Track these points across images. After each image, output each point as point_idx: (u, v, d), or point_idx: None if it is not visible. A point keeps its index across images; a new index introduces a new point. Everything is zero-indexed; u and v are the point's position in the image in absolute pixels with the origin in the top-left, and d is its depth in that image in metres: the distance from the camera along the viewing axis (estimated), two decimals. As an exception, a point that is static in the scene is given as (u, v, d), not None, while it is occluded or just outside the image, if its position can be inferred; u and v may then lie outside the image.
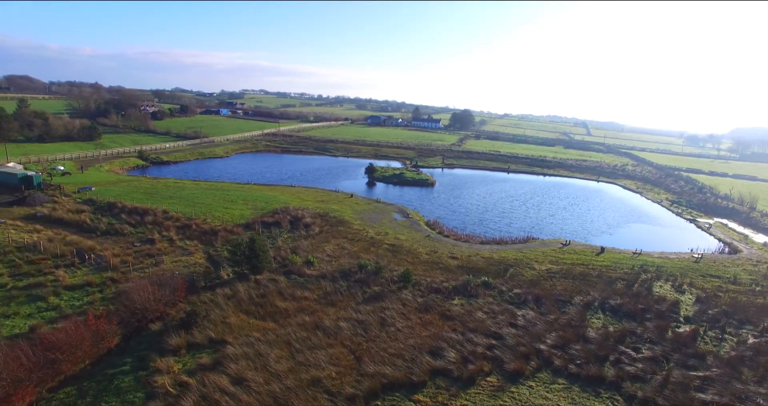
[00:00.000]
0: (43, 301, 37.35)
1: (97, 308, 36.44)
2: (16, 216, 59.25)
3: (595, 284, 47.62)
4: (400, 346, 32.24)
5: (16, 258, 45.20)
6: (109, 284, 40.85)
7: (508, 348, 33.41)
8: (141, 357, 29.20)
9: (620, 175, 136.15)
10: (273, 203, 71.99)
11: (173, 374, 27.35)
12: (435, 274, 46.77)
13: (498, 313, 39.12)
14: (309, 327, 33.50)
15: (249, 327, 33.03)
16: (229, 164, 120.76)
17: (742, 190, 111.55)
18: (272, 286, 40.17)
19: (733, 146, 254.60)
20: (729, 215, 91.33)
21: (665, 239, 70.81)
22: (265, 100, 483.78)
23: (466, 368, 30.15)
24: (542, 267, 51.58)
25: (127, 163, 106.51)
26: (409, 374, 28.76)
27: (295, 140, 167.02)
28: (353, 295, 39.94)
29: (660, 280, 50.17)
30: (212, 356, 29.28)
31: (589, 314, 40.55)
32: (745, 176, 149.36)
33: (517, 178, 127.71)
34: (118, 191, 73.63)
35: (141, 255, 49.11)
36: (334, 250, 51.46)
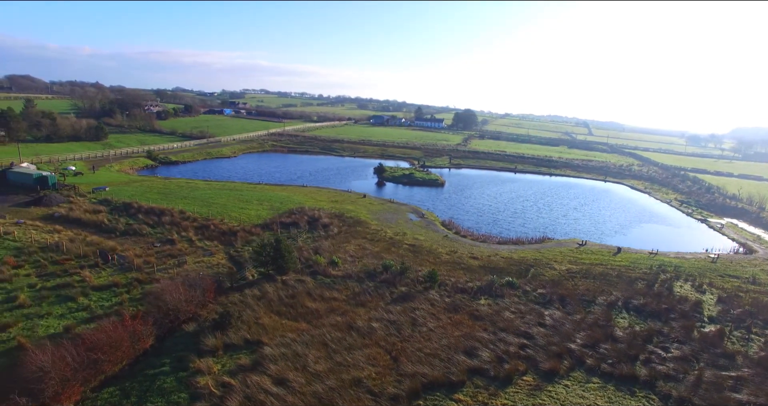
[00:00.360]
0: (73, 301, 37.47)
1: (128, 309, 36.63)
2: (35, 216, 59.32)
3: (615, 284, 47.85)
4: (435, 346, 32.44)
5: (41, 258, 45.29)
6: (135, 284, 40.95)
7: (539, 347, 33.66)
8: (179, 358, 29.33)
9: (627, 175, 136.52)
10: (287, 203, 72.13)
11: (214, 374, 27.50)
12: (458, 274, 46.95)
13: (525, 313, 39.34)
14: (342, 328, 33.67)
15: (282, 328, 33.18)
16: (237, 164, 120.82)
17: (750, 190, 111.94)
18: (300, 287, 40.31)
19: (736, 146, 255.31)
20: (739, 215, 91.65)
21: (678, 239, 71.09)
22: (266, 100, 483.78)
23: (502, 368, 30.38)
24: (562, 267, 51.80)
25: (136, 163, 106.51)
26: (447, 374, 28.97)
27: (301, 140, 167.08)
28: (381, 295, 40.11)
29: (679, 280, 50.42)
30: (250, 357, 29.43)
31: (614, 314, 40.78)
32: (750, 176, 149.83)
33: (525, 178, 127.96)
34: (132, 191, 73.70)
35: (163, 255, 49.21)
36: (355, 250, 51.62)
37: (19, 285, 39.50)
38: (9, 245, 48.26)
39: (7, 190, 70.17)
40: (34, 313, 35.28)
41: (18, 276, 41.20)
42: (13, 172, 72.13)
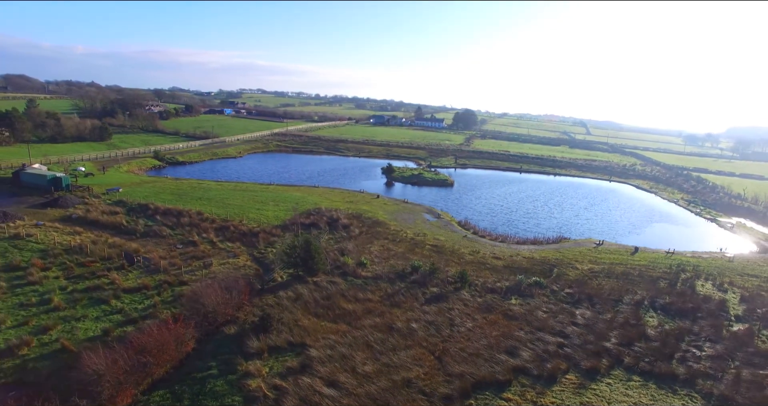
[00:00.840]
0: (106, 304, 37.38)
1: (161, 312, 36.62)
2: (53, 218, 58.97)
3: (638, 284, 48.31)
4: (476, 345, 32.69)
5: (67, 260, 45.08)
6: (165, 287, 40.88)
7: (577, 346, 34.03)
8: (225, 361, 29.37)
9: (631, 174, 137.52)
10: (303, 204, 72.10)
11: (263, 377, 27.56)
12: (485, 274, 47.22)
13: (557, 312, 39.68)
14: (382, 329, 33.83)
15: (323, 330, 33.28)
16: (244, 164, 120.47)
17: (753, 189, 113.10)
18: (333, 288, 40.43)
19: (734, 146, 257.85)
20: (745, 214, 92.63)
21: (691, 239, 71.78)
22: (263, 100, 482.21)
23: (545, 366, 30.72)
24: (584, 267, 52.22)
25: (144, 163, 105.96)
26: (493, 373, 29.24)
27: (305, 140, 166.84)
28: (414, 296, 40.31)
29: (700, 279, 50.97)
30: (297, 359, 29.51)
31: (642, 313, 41.22)
32: (752, 176, 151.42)
33: (531, 178, 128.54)
34: (146, 192, 73.40)
35: (187, 257, 49.10)
36: (380, 251, 51.77)
37: (51, 287, 39.35)
38: (33, 247, 48.00)
39: (20, 191, 69.69)
40: (70, 315, 35.18)
41: (47, 278, 41.03)
42: (26, 173, 71.61)
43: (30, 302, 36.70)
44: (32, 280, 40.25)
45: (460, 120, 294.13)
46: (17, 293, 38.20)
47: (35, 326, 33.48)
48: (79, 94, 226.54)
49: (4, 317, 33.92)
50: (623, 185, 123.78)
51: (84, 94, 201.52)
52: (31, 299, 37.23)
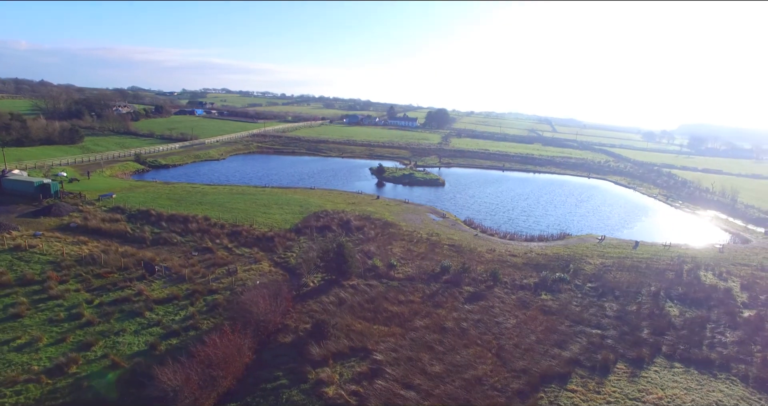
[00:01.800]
0: (140, 316, 35.98)
1: (202, 322, 35.65)
2: (49, 227, 55.84)
3: (649, 276, 50.96)
4: (527, 341, 33.75)
5: (82, 272, 42.94)
6: (197, 296, 39.74)
7: (616, 337, 35.72)
8: (291, 370, 29.00)
9: (607, 171, 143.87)
10: (307, 206, 71.41)
11: (337, 384, 27.46)
12: (508, 271, 48.48)
13: (587, 306, 41.39)
14: (434, 329, 34.32)
15: (378, 333, 33.40)
16: (228, 167, 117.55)
17: (717, 184, 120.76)
18: (372, 291, 40.53)
19: (689, 142, 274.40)
20: (716, 207, 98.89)
21: (679, 232, 76.12)
22: (229, 99, 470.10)
23: (595, 358, 32.19)
24: (596, 261, 54.53)
25: (126, 167, 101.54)
26: (551, 366, 30.35)
27: (284, 141, 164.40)
28: (453, 295, 41.00)
29: (701, 269, 54.28)
30: (364, 364, 29.55)
31: (661, 303, 43.61)
32: (711, 170, 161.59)
33: (514, 176, 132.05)
34: (141, 198, 70.58)
35: (207, 265, 47.76)
36: (402, 252, 52.14)
37: (76, 301, 37.44)
38: (39, 258, 45.38)
39: (3, 199, 65.25)
40: (107, 330, 33.66)
41: (68, 292, 38.97)
42: (9, 180, 67.21)
43: (59, 318, 34.83)
44: (53, 294, 38.16)
45: (433, 119, 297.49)
46: (41, 308, 36.14)
47: (75, 342, 31.88)
48: (34, 93, 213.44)
49: (39, 335, 32.10)
50: (602, 182, 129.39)
51: (46, 94, 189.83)
52: (60, 314, 35.34)
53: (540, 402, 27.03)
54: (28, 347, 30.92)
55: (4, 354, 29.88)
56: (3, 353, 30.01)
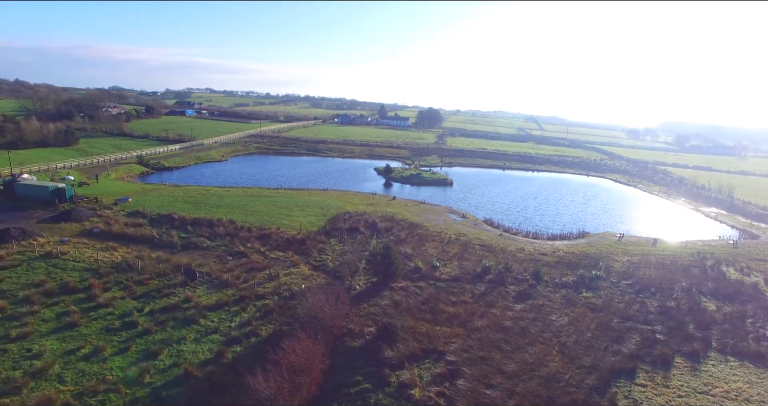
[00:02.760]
0: (196, 324, 35.57)
1: (261, 328, 35.42)
2: (73, 233, 54.58)
3: (675, 272, 52.38)
4: (584, 338, 34.56)
5: (122, 279, 42.16)
6: (247, 302, 39.44)
7: (666, 333, 36.77)
8: (369, 373, 29.11)
9: (605, 169, 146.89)
10: (327, 208, 71.25)
11: (420, 386, 27.68)
12: (544, 270, 49.17)
13: (629, 302, 42.46)
14: (495, 329, 34.80)
15: (443, 334, 33.70)
16: (231, 168, 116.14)
17: (710, 180, 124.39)
18: (423, 292, 40.83)
19: (674, 140, 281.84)
20: (715, 203, 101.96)
21: (689, 228, 78.35)
22: (214, 99, 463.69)
23: (653, 353, 33.15)
24: (623, 259, 55.82)
25: (130, 170, 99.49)
26: (616, 362, 31.17)
27: (283, 141, 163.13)
28: (501, 295, 41.58)
29: (722, 265, 56.01)
30: (440, 365, 29.85)
31: (697, 298, 44.96)
32: (701, 167, 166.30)
33: (517, 175, 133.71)
34: (157, 201, 69.39)
35: (246, 269, 47.28)
36: (437, 253, 52.53)
37: (125, 309, 36.78)
38: (74, 265, 44.38)
39: (18, 204, 63.40)
40: (167, 338, 33.18)
41: (115, 299, 38.23)
42: (22, 184, 65.27)
43: (114, 327, 34.21)
44: (101, 302, 37.42)
45: (424, 118, 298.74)
46: (93, 316, 35.43)
47: (139, 351, 31.38)
48: (15, 93, 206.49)
49: (102, 344, 31.51)
50: (602, 180, 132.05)
51: (32, 95, 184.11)
52: (114, 323, 34.71)
53: (616, 397, 27.75)
54: (94, 356, 30.34)
55: (74, 364, 29.28)
56: (72, 362, 29.41)
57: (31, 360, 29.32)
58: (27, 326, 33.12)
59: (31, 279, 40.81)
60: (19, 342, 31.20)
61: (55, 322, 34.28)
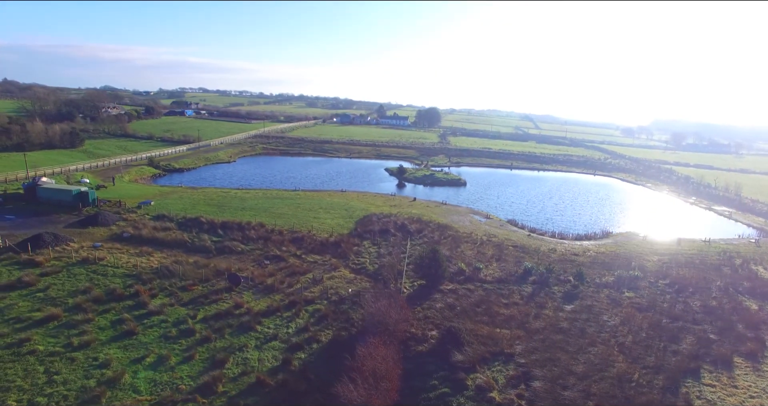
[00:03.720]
0: (253, 330, 35.27)
1: (319, 334, 35.22)
2: (102, 238, 53.88)
3: (707, 271, 53.09)
4: (640, 337, 34.96)
5: (166, 285, 41.68)
6: (298, 307, 39.18)
7: (717, 332, 37.18)
8: (444, 378, 29.15)
9: (611, 168, 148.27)
10: (352, 210, 71.14)
11: (498, 389, 27.76)
12: (577, 270, 49.32)
13: (672, 302, 42.93)
14: (553, 330, 35.01)
15: (505, 336, 33.82)
16: (241, 169, 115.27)
17: (719, 179, 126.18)
18: (473, 294, 40.91)
19: (670, 138, 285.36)
20: (725, 202, 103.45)
21: (707, 227, 79.41)
22: (208, 99, 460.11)
23: (711, 352, 33.53)
24: (653, 258, 56.43)
25: (143, 172, 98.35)
26: (679, 362, 31.53)
27: (288, 142, 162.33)
28: (549, 296, 41.83)
29: (750, 264, 56.88)
30: (511, 368, 29.96)
31: (737, 298, 45.57)
32: (703, 166, 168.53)
33: (526, 175, 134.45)
34: (180, 204, 68.74)
35: (287, 274, 46.99)
36: (474, 255, 52.66)
37: (178, 316, 36.37)
38: (114, 271, 43.83)
39: (40, 209, 62.40)
40: (228, 346, 32.85)
41: (165, 306, 37.75)
42: (44, 188, 64.17)
43: (173, 335, 33.81)
44: (153, 309, 36.95)
45: (423, 117, 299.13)
46: (148, 324, 34.98)
47: (204, 359, 31.05)
48: (8, 94, 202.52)
49: (165, 353, 31.10)
50: (609, 179, 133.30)
51: (32, 95, 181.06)
52: (171, 330, 34.31)
53: (690, 398, 28.06)
54: (161, 365, 29.95)
55: (143, 373, 28.89)
56: (140, 371, 29.01)
57: (100, 369, 28.90)
58: (86, 334, 32.65)
59: (76, 286, 40.26)
60: (83, 351, 30.75)
61: (112, 330, 33.82)
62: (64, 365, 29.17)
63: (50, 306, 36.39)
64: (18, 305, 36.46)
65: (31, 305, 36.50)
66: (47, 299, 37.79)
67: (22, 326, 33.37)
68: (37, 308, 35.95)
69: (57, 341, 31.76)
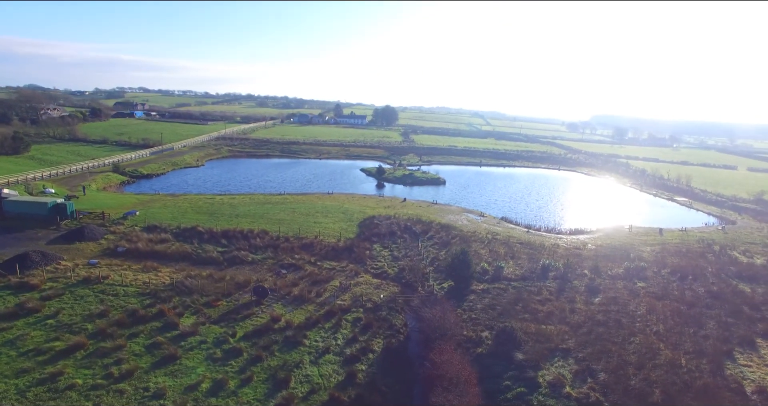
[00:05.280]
0: (302, 345, 33.98)
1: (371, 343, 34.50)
2: (94, 254, 49.72)
3: (695, 258, 57.34)
4: (669, 325, 37.29)
5: (189, 302, 39.16)
6: (337, 316, 38.25)
7: (731, 315, 40.27)
8: (515, 377, 29.55)
9: (572, 163, 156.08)
10: (350, 213, 70.20)
11: (570, 384, 28.54)
12: (589, 264, 51.67)
13: (681, 289, 46.00)
14: (593, 323, 36.53)
15: (553, 332, 34.80)
16: (212, 174, 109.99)
17: (671, 172, 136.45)
18: (506, 293, 41.71)
19: (613, 133, 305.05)
20: (680, 193, 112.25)
21: (675, 216, 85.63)
22: (151, 99, 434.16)
23: (735, 336, 36.32)
24: (647, 249, 60.18)
25: (109, 179, 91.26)
26: (713, 346, 33.99)
27: (254, 144, 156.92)
28: (575, 290, 43.53)
29: (727, 250, 62.10)
30: (572, 363, 30.96)
31: (731, 282, 49.50)
32: (649, 159, 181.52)
33: (497, 172, 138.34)
34: (167, 214, 64.67)
35: (309, 282, 45.61)
36: (487, 254, 53.66)
37: (216, 336, 34.29)
38: (125, 290, 40.61)
39: (9, 224, 56.00)
40: (282, 364, 31.46)
41: (197, 325, 35.43)
42: (13, 201, 57.90)
43: (218, 356, 31.83)
44: (186, 330, 34.55)
45: (381, 116, 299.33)
46: (186, 347, 32.69)
47: (263, 380, 29.54)
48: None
49: (220, 377, 29.22)
50: (574, 174, 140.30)
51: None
52: (215, 352, 32.28)
53: (738, 379, 30.25)
54: (221, 390, 28.11)
55: (205, 401, 26.96)
56: (201, 400, 27.07)
57: (157, 400, 26.68)
58: (124, 362, 29.99)
59: (88, 309, 36.83)
60: (128, 381, 28.20)
61: (150, 355, 31.25)
62: (115, 398, 26.64)
63: (69, 334, 33.09)
64: (30, 335, 32.80)
65: (45, 334, 32.98)
66: (61, 326, 34.30)
67: (47, 359, 30.09)
68: (55, 337, 32.55)
69: (94, 373, 28.92)
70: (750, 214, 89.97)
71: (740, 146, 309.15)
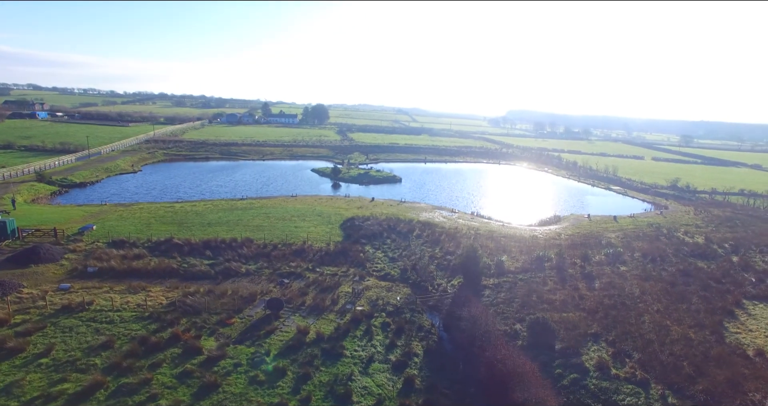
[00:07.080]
0: (345, 357, 32.71)
1: (413, 347, 34.13)
2: (58, 277, 43.75)
3: (652, 241, 63.82)
4: (665, 303, 41.20)
5: (200, 322, 35.96)
6: (364, 322, 37.43)
7: (706, 289, 45.39)
8: (564, 365, 30.89)
9: (510, 157, 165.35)
10: (326, 215, 68.63)
11: (612, 366, 30.52)
12: (576, 253, 55.41)
13: (657, 270, 51.00)
14: (606, 307, 39.47)
15: (577, 319, 36.93)
16: (153, 180, 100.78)
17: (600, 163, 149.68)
18: (517, 286, 43.45)
19: (533, 127, 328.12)
20: (610, 182, 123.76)
21: (616, 203, 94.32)
22: (47, 98, 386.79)
23: (717, 307, 41.08)
24: (611, 235, 65.79)
25: (36, 189, 79.77)
26: (707, 318, 38.16)
27: (190, 146, 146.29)
28: (574, 278, 46.50)
29: (674, 232, 69.83)
30: (605, 347, 33.19)
31: (691, 260, 55.75)
32: (574, 151, 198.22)
33: (444, 168, 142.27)
34: (129, 226, 58.44)
35: (317, 290, 43.87)
36: (480, 248, 55.04)
37: (248, 357, 31.85)
38: (119, 316, 36.22)
39: (-64, 250, 47.18)
40: (334, 379, 30.09)
41: (222, 348, 32.52)
42: (-63, 223, 48.63)
43: (261, 379, 29.53)
44: (213, 355, 31.61)
45: (312, 115, 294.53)
46: (221, 372, 29.91)
47: (322, 397, 28.10)
48: None
49: (276, 401, 27.28)
50: (515, 167, 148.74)
51: None
52: (257, 375, 29.88)
53: (742, 345, 34.29)
54: (284, 415, 26.08)
55: (275, 430, 24.87)
56: (270, 429, 24.92)
57: (221, 435, 24.07)
58: (160, 397, 26.73)
59: (85, 342, 32.28)
60: (176, 419, 25.15)
61: (186, 387, 28.14)
62: (170, 440, 23.61)
63: (76, 372, 28.72)
64: (26, 379, 27.91)
65: (46, 377, 28.31)
66: (59, 364, 29.65)
67: (63, 405, 25.81)
68: (61, 378, 28.10)
69: (129, 414, 25.40)
70: (673, 199, 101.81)
71: (636, 138, 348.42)
